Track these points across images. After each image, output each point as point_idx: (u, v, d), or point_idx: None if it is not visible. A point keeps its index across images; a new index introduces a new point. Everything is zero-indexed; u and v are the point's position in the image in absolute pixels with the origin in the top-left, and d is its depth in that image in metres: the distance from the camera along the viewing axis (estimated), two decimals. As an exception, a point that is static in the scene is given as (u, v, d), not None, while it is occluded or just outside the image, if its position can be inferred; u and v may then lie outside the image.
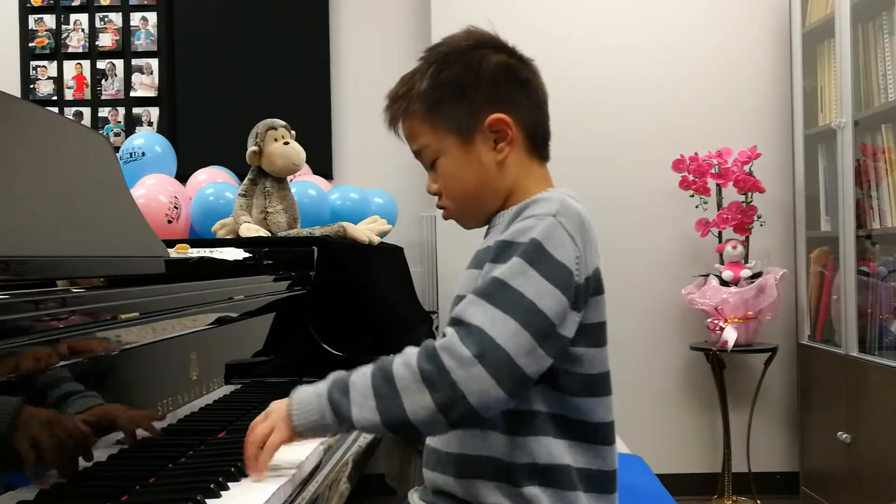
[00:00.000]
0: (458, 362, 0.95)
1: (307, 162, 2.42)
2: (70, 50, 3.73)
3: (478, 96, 1.12)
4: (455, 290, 1.15)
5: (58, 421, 0.90)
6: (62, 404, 0.91)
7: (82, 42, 3.73)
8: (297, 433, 1.03)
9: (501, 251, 1.02)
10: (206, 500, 0.92)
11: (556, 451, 1.05)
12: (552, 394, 1.05)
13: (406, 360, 0.99)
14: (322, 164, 3.40)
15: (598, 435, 1.08)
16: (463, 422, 0.99)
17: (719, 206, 3.26)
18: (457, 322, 0.99)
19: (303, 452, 1.14)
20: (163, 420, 1.15)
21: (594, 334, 1.06)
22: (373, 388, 0.99)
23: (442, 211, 1.20)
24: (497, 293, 0.98)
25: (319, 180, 3.05)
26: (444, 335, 0.99)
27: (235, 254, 1.95)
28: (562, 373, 1.04)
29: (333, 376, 1.04)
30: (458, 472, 1.09)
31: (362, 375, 1.01)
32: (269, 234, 2.20)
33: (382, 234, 2.51)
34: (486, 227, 1.19)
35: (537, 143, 1.17)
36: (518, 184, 1.14)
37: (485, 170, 1.13)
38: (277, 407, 1.05)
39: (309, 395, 1.04)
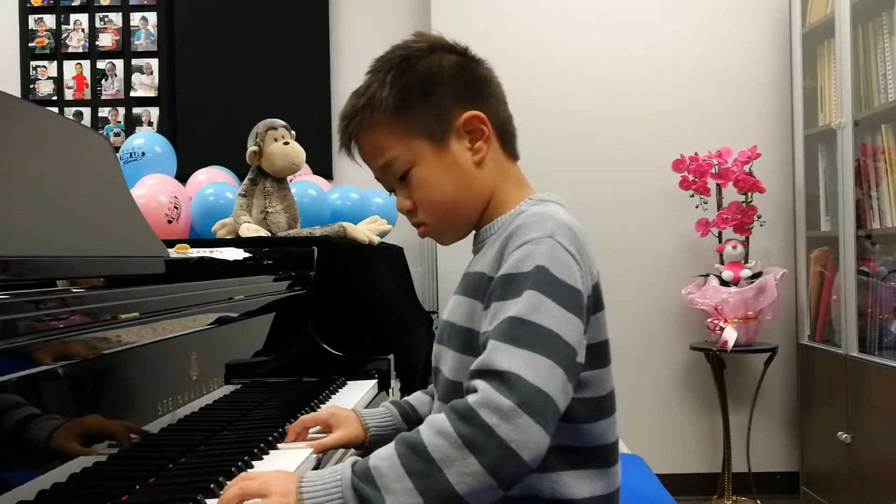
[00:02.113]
0: (501, 416, 0.85)
1: (307, 162, 2.42)
2: (70, 50, 3.73)
3: (445, 96, 1.07)
4: (444, 315, 1.11)
5: (58, 421, 0.90)
6: (62, 404, 0.91)
7: (82, 42, 3.73)
8: None
9: (507, 286, 0.95)
10: (206, 501, 0.91)
11: (564, 486, 1.00)
12: (561, 426, 0.96)
13: (439, 429, 0.87)
14: (322, 164, 3.39)
15: (606, 458, 1.04)
16: (517, 481, 0.87)
17: (719, 206, 3.26)
18: (485, 373, 0.89)
19: (302, 454, 1.14)
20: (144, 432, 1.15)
21: (598, 354, 1.01)
22: (405, 468, 0.86)
23: (419, 229, 1.12)
24: (521, 333, 0.90)
25: (319, 180, 3.05)
26: (473, 390, 0.89)
27: (235, 254, 1.95)
28: (573, 402, 0.97)
29: (351, 462, 0.89)
30: None
31: (385, 459, 0.87)
32: (269, 234, 2.20)
33: (382, 234, 2.51)
34: (473, 244, 1.13)
35: (507, 142, 1.13)
36: (498, 186, 1.10)
37: (463, 172, 1.07)
38: (279, 479, 0.89)
39: (325, 483, 0.88)
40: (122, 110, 3.72)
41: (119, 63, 3.72)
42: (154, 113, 3.72)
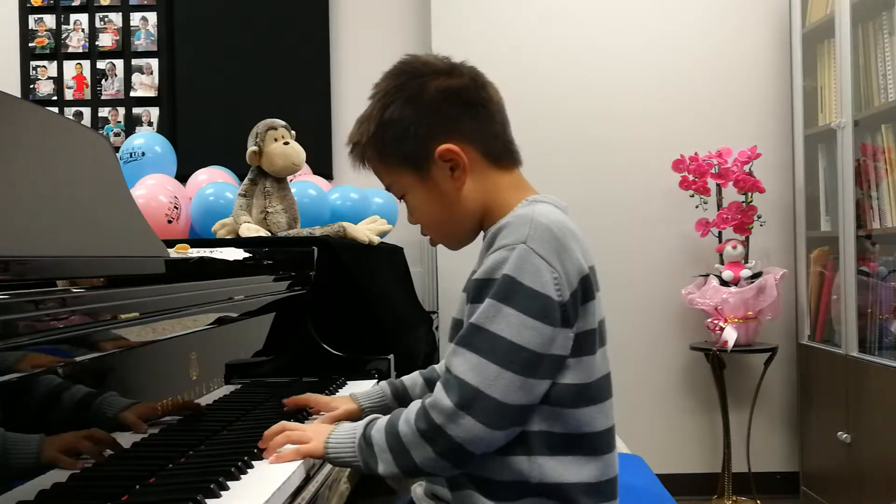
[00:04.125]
0: (446, 417, 1.00)
1: (307, 162, 2.42)
2: (70, 50, 3.73)
3: (422, 130, 1.12)
4: (453, 313, 1.15)
5: (57, 421, 0.90)
6: (62, 404, 0.91)
7: (82, 42, 3.73)
8: (328, 460, 1.12)
9: (479, 291, 1.04)
10: (206, 500, 0.91)
11: (552, 469, 1.04)
12: (545, 410, 1.04)
13: (407, 418, 1.05)
14: (322, 164, 3.40)
15: (597, 445, 1.06)
16: (471, 463, 1.03)
17: (719, 206, 3.26)
18: (445, 372, 1.03)
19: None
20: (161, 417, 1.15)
21: (584, 343, 1.05)
22: (387, 443, 1.05)
23: (429, 239, 1.23)
24: (475, 339, 1.01)
25: (319, 180, 3.05)
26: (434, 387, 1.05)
27: (235, 254, 1.95)
28: (555, 386, 1.03)
29: (366, 422, 1.10)
30: (451, 486, 1.10)
31: (379, 431, 1.07)
32: (269, 234, 2.20)
33: (382, 234, 2.51)
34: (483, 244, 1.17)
35: (498, 155, 1.16)
36: (491, 200, 1.14)
37: (449, 198, 1.14)
38: (318, 429, 1.13)
39: (346, 437, 1.10)
40: (122, 110, 3.71)
41: (119, 63, 3.72)
42: (154, 113, 3.72)
